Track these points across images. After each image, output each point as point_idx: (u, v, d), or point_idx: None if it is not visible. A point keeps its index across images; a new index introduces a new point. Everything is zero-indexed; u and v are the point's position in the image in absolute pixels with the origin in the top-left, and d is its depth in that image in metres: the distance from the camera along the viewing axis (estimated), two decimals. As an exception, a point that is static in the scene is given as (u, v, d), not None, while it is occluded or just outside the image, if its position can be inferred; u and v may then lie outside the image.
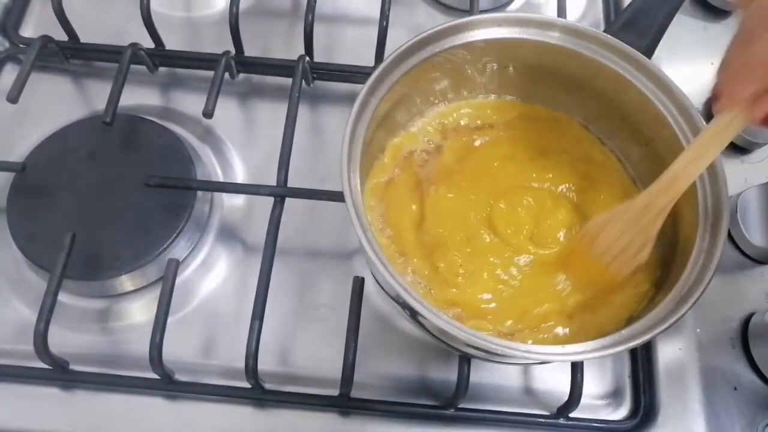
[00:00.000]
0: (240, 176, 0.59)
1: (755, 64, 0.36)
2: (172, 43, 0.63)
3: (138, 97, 0.61)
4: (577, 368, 0.48)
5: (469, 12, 0.63)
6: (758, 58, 0.36)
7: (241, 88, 0.63)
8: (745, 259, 0.56)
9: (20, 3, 0.67)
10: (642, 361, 0.53)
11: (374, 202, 0.49)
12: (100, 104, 0.56)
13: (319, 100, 0.63)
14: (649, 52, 0.48)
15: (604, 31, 0.48)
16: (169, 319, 0.47)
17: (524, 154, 0.52)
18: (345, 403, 0.49)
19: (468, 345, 0.39)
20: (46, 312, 0.47)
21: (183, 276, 0.54)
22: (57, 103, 0.62)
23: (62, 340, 0.50)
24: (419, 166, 0.52)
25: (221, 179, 0.59)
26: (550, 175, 0.51)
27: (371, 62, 0.61)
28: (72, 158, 0.56)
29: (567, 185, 0.51)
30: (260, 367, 0.47)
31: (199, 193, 0.55)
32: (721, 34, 0.67)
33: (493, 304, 0.46)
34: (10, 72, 0.63)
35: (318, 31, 0.61)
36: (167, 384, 0.49)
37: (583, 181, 0.52)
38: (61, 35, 0.62)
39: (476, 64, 0.50)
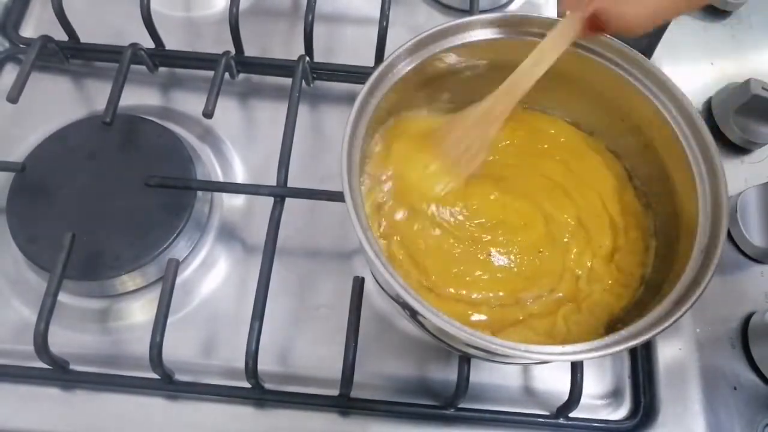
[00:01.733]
0: (240, 176, 0.59)
1: None
2: (172, 43, 0.63)
3: (138, 97, 0.61)
4: (577, 368, 0.48)
5: (469, 12, 0.63)
6: None
7: (241, 88, 0.63)
8: (745, 259, 0.56)
9: (20, 3, 0.67)
10: (642, 361, 0.53)
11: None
12: (100, 104, 0.56)
13: (319, 100, 0.63)
14: (649, 52, 0.49)
15: (604, 31, 0.48)
16: (169, 319, 0.47)
17: (520, 157, 0.52)
18: (345, 403, 0.49)
19: (468, 345, 0.39)
20: (46, 312, 0.47)
21: (183, 276, 0.54)
22: (57, 103, 0.62)
23: (62, 340, 0.50)
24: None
25: (221, 179, 0.59)
26: (543, 176, 0.52)
27: (371, 62, 0.61)
28: (72, 158, 0.56)
29: (559, 184, 0.51)
30: (260, 367, 0.47)
31: (199, 193, 0.55)
32: (721, 34, 0.67)
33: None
34: (10, 72, 0.63)
35: (318, 31, 0.61)
36: (167, 384, 0.49)
37: (574, 180, 0.52)
38: (61, 35, 0.62)
39: (475, 64, 0.50)
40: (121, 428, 0.50)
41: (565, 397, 0.48)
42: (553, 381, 0.52)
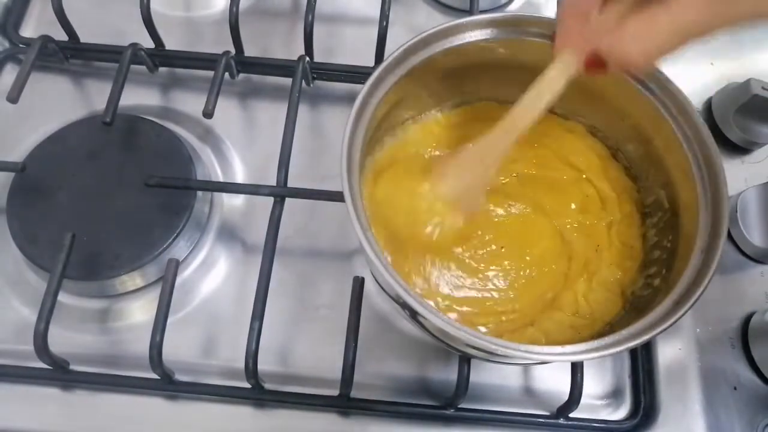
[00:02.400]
0: (240, 176, 0.59)
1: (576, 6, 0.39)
2: (172, 43, 0.63)
3: (138, 97, 0.61)
4: (577, 368, 0.48)
5: (469, 12, 0.63)
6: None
7: (241, 88, 0.63)
8: (745, 259, 0.56)
9: (20, 3, 0.67)
10: (642, 361, 0.53)
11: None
12: (100, 104, 0.56)
13: (319, 100, 0.63)
14: (648, 52, 0.48)
15: (604, 31, 0.48)
16: (169, 319, 0.47)
17: (520, 154, 0.53)
18: (345, 403, 0.49)
19: (468, 345, 0.39)
20: (46, 312, 0.47)
21: (183, 276, 0.54)
22: (57, 103, 0.62)
23: (62, 340, 0.50)
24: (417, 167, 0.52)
25: (221, 179, 0.59)
26: (543, 171, 0.53)
27: (371, 62, 0.61)
28: (72, 158, 0.56)
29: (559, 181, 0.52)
30: (260, 367, 0.47)
31: (199, 193, 0.55)
32: (721, 34, 0.67)
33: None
34: (10, 72, 0.63)
35: (318, 31, 0.61)
36: (167, 384, 0.49)
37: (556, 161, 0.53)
38: (61, 35, 0.62)
39: (475, 64, 0.50)
40: (121, 428, 0.50)
41: (565, 397, 0.48)
42: (553, 381, 0.52)
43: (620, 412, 0.52)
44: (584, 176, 0.53)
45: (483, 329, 0.47)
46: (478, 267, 0.49)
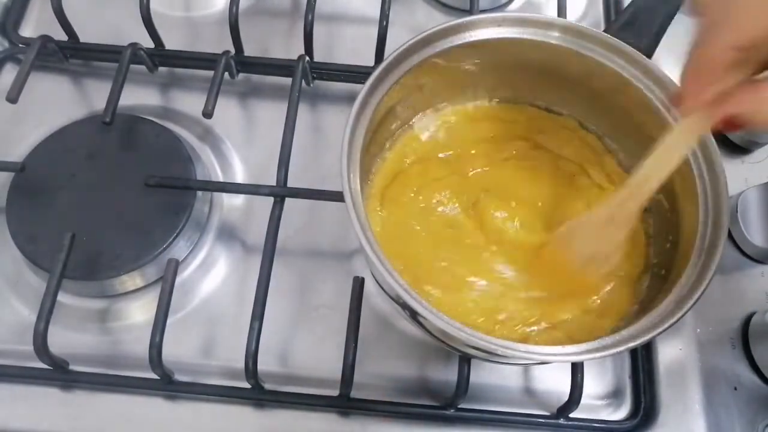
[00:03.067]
0: (240, 176, 0.59)
1: (712, 65, 0.36)
2: (171, 43, 0.63)
3: (137, 96, 0.61)
4: (577, 368, 0.48)
5: (469, 12, 0.63)
6: (715, 60, 0.35)
7: (241, 88, 0.63)
8: (745, 259, 0.56)
9: (20, 3, 0.67)
10: (642, 361, 0.53)
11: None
12: (100, 104, 0.56)
13: (319, 100, 0.63)
14: (649, 52, 0.48)
15: (604, 31, 0.48)
16: (169, 319, 0.47)
17: (519, 154, 0.53)
18: (345, 404, 0.49)
19: (468, 345, 0.39)
20: (46, 312, 0.47)
21: (183, 276, 0.54)
22: (57, 103, 0.62)
23: (62, 340, 0.50)
24: (416, 165, 0.52)
25: (221, 179, 0.59)
26: (543, 176, 0.52)
27: (371, 62, 0.61)
28: (72, 158, 0.56)
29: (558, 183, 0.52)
30: (260, 367, 0.47)
31: (199, 192, 0.55)
32: None
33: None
34: (10, 72, 0.63)
35: (318, 31, 0.61)
36: (167, 384, 0.49)
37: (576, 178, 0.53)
38: (60, 35, 0.62)
39: (476, 64, 0.50)
40: (120, 428, 0.49)
41: (566, 397, 0.48)
42: (554, 381, 0.52)
43: (620, 413, 0.52)
44: (582, 169, 0.53)
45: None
46: (493, 270, 0.49)
